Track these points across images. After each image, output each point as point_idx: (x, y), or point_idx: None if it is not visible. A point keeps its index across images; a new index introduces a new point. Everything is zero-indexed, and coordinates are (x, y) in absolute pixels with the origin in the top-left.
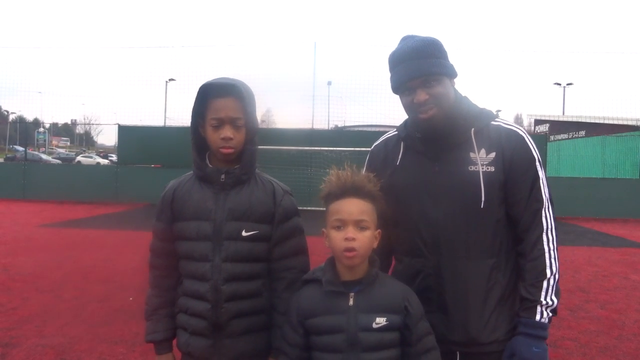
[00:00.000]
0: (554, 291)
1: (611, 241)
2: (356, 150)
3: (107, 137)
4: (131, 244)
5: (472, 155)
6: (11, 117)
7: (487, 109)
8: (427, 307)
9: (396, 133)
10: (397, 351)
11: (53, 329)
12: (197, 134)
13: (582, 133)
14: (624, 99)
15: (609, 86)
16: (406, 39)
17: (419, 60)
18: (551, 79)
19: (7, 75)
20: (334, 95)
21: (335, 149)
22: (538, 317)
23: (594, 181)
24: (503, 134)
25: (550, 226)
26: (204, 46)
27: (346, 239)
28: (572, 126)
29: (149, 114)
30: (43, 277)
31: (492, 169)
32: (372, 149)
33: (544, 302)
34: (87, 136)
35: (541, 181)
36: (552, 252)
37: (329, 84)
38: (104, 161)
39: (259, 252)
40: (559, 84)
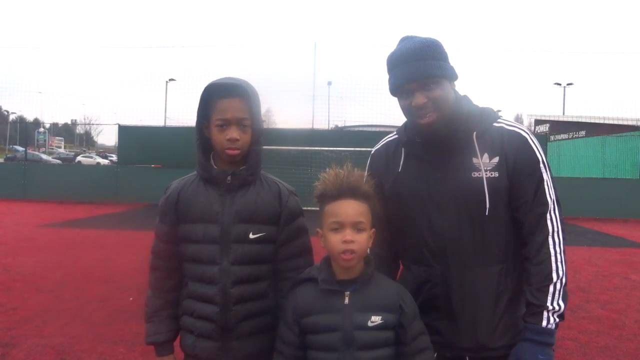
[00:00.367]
0: (560, 296)
1: (611, 241)
2: (356, 150)
3: (107, 137)
4: (131, 244)
5: (474, 160)
6: (11, 117)
7: (489, 108)
8: (436, 315)
9: (396, 137)
10: (392, 350)
11: (53, 329)
12: (202, 134)
13: (582, 133)
14: (624, 99)
15: (609, 86)
16: (405, 40)
17: (417, 62)
18: (551, 79)
19: (7, 75)
20: (334, 95)
21: (335, 149)
22: (545, 323)
23: (594, 181)
24: (506, 136)
25: (556, 229)
26: (204, 46)
27: (344, 242)
28: (572, 126)
29: (149, 114)
30: (43, 277)
31: (495, 174)
32: (373, 153)
33: (550, 307)
34: (87, 136)
35: (546, 183)
36: (558, 255)
37: (329, 84)
38: (104, 161)
39: (265, 253)
40: (559, 84)
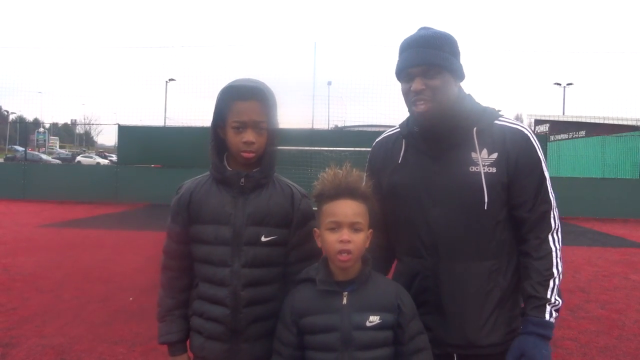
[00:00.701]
0: (558, 291)
1: (611, 241)
2: (356, 150)
3: (107, 137)
4: (131, 244)
5: (473, 155)
6: (11, 117)
7: (491, 107)
8: (425, 309)
9: (398, 130)
10: (391, 350)
11: (53, 329)
12: (216, 135)
13: (582, 133)
14: (624, 99)
15: (609, 86)
16: (422, 29)
17: (424, 49)
18: (551, 79)
19: (7, 75)
20: (334, 95)
21: (335, 149)
22: (547, 316)
23: (594, 181)
24: (507, 133)
25: (557, 227)
26: (204, 46)
27: (341, 241)
28: (572, 126)
29: (149, 114)
30: (43, 277)
31: (493, 169)
32: (374, 146)
33: (552, 300)
34: (87, 136)
35: (547, 182)
36: (558, 252)
37: (329, 84)
38: (104, 161)
39: (276, 257)
40: (559, 84)
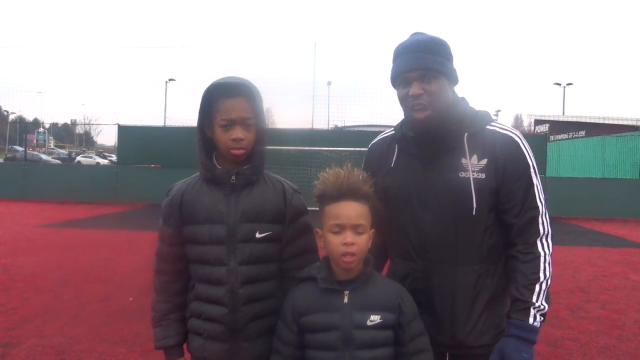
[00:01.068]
0: (545, 296)
1: (611, 241)
2: (356, 150)
3: (107, 137)
4: (131, 244)
5: (463, 161)
6: (11, 117)
7: (484, 111)
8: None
9: (393, 132)
10: (391, 350)
11: (53, 329)
12: (203, 134)
13: (582, 133)
14: (624, 99)
15: (609, 86)
16: (416, 34)
17: (421, 54)
18: (551, 79)
19: (7, 75)
20: (334, 95)
21: (335, 149)
22: (531, 320)
23: (594, 181)
24: (498, 139)
25: (546, 232)
26: (204, 46)
27: (345, 244)
28: (572, 126)
29: (149, 114)
30: (43, 277)
31: (482, 175)
32: (369, 147)
33: (536, 304)
34: (87, 136)
35: (536, 188)
36: (547, 257)
37: (329, 84)
38: (104, 161)
39: (272, 253)
40: (559, 84)
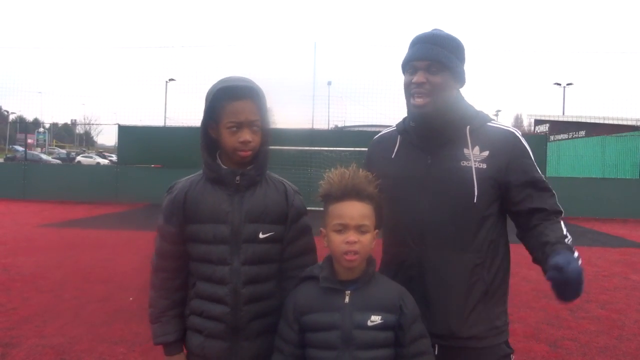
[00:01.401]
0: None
1: (611, 241)
2: (356, 150)
3: (107, 137)
4: (131, 244)
5: (465, 151)
6: (11, 117)
7: (484, 112)
8: None
9: (394, 129)
10: (391, 351)
11: (53, 329)
12: (207, 135)
13: (582, 133)
14: (624, 99)
15: (609, 86)
16: (435, 29)
17: (432, 45)
18: (551, 79)
19: (7, 75)
20: (334, 95)
21: (335, 149)
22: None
23: (594, 181)
24: (500, 134)
25: (563, 215)
26: (204, 46)
27: (347, 242)
28: (572, 126)
29: (149, 114)
30: (43, 277)
31: (484, 165)
32: (371, 143)
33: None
34: (87, 136)
35: (543, 178)
36: (569, 235)
37: (329, 84)
38: (104, 161)
39: (274, 253)
40: (559, 84)
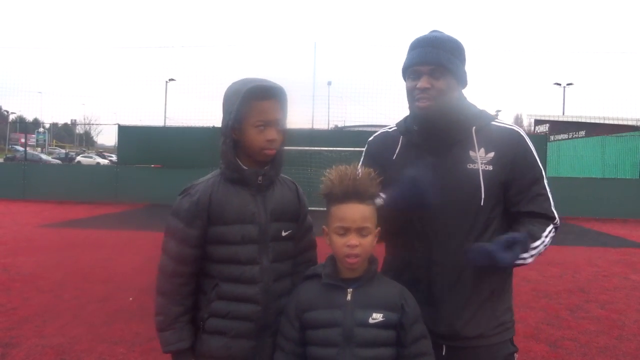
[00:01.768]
0: (535, 252)
1: (611, 241)
2: (356, 151)
3: (107, 137)
4: (131, 244)
5: (471, 153)
6: (11, 117)
7: (486, 111)
8: (415, 298)
9: (394, 128)
10: (393, 350)
11: (53, 329)
12: (229, 135)
13: (582, 133)
14: (624, 99)
15: (609, 86)
16: (434, 31)
17: (435, 49)
18: (551, 79)
19: (7, 75)
20: (334, 95)
21: (335, 149)
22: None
23: (594, 181)
24: (505, 133)
25: (557, 222)
26: (204, 46)
27: (349, 246)
28: (572, 126)
29: (149, 114)
30: (43, 277)
31: (490, 167)
32: (370, 140)
33: (533, 246)
34: (87, 136)
35: (545, 180)
36: (547, 240)
37: (329, 84)
38: (104, 161)
39: (290, 250)
40: (559, 84)
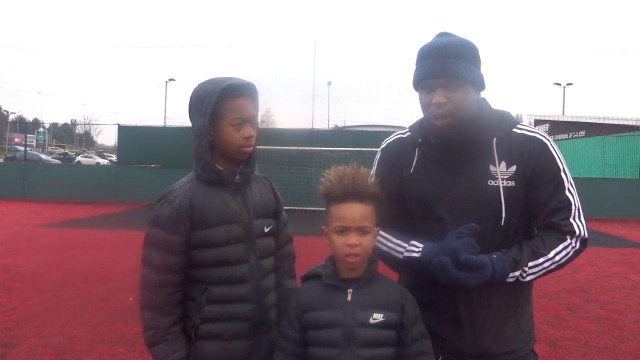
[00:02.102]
0: (538, 273)
1: (611, 241)
2: (356, 151)
3: (107, 137)
4: (131, 244)
5: (492, 168)
6: (11, 117)
7: (506, 112)
8: (439, 318)
9: (409, 134)
10: (393, 350)
11: (53, 329)
12: (206, 136)
13: (582, 133)
14: (624, 99)
15: (609, 86)
16: (442, 35)
17: (446, 59)
18: (551, 79)
19: (7, 75)
20: (334, 95)
21: (335, 149)
22: (512, 272)
23: (594, 181)
24: (526, 143)
25: (581, 233)
26: (204, 46)
27: (349, 245)
28: (572, 126)
29: (149, 114)
30: (43, 277)
31: (512, 183)
32: (384, 147)
33: (526, 270)
34: (87, 136)
35: (567, 189)
36: (570, 249)
37: (329, 84)
38: (104, 161)
39: (272, 245)
40: (559, 84)
